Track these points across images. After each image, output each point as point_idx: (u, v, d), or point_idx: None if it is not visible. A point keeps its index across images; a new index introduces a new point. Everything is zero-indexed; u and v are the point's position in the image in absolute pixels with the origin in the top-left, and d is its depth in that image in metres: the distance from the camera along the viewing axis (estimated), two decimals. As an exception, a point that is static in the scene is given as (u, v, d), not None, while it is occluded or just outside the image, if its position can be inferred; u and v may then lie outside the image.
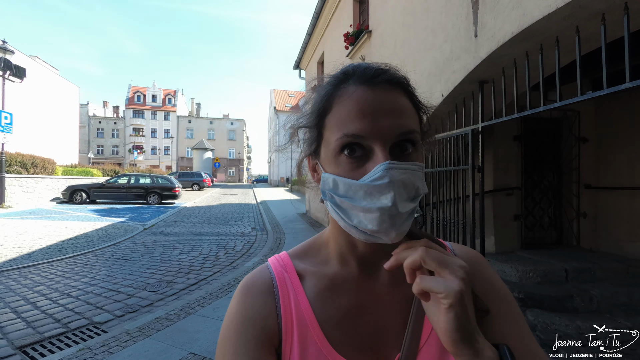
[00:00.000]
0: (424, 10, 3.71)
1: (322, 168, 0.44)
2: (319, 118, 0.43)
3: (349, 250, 0.48)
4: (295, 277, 0.49)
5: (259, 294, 0.48)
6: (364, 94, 0.40)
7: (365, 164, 0.39)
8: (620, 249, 3.95)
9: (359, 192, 0.38)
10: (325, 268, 0.50)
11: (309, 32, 9.66)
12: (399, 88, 0.42)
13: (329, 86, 0.44)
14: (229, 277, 4.54)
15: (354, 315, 0.47)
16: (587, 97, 1.94)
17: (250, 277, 0.51)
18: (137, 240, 7.12)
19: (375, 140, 0.38)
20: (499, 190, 4.01)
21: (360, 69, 0.43)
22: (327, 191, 0.42)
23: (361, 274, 0.48)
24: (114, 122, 51.05)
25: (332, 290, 0.48)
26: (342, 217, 0.41)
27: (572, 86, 2.12)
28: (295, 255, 0.53)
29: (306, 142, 0.48)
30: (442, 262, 0.35)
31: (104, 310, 3.48)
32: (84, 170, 19.07)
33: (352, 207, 0.39)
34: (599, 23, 1.83)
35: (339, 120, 0.40)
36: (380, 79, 0.41)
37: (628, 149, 4.04)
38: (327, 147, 0.42)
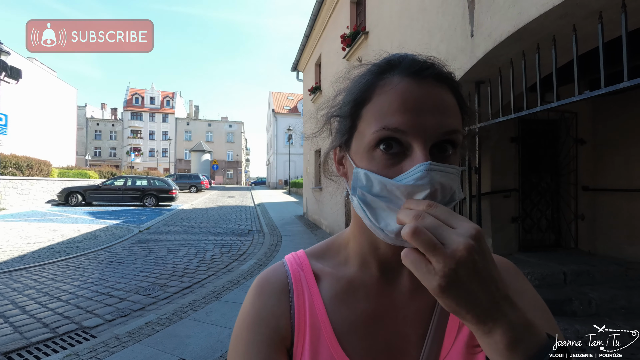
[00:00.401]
0: (420, 11, 3.69)
1: (352, 162, 0.41)
2: (356, 108, 0.41)
3: (371, 251, 0.45)
4: (311, 277, 0.47)
5: (273, 293, 0.46)
6: (409, 86, 0.37)
7: (402, 161, 0.37)
8: (619, 251, 3.92)
9: (395, 192, 0.35)
10: (344, 269, 0.47)
11: (307, 34, 9.65)
12: (446, 85, 0.39)
13: (370, 75, 0.41)
14: (224, 280, 4.47)
15: (371, 321, 0.44)
16: (584, 97, 1.91)
17: (265, 274, 0.49)
18: (132, 243, 7.04)
19: (415, 137, 0.36)
20: (496, 192, 3.97)
21: (407, 60, 0.40)
22: (359, 188, 0.39)
23: (381, 278, 0.46)
24: (111, 124, 50.91)
25: (350, 293, 0.45)
26: (368, 217, 0.38)
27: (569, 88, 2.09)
28: (313, 254, 0.51)
29: (337, 132, 0.44)
30: (431, 248, 0.28)
31: (94, 314, 3.41)
32: (81, 172, 18.95)
33: (384, 207, 0.36)
34: (596, 22, 1.80)
35: (379, 112, 0.38)
36: (428, 72, 0.39)
37: (625, 150, 4.02)
38: (361, 140, 0.40)
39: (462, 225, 0.30)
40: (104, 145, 49.77)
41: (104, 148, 49.70)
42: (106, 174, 20.51)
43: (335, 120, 0.45)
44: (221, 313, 3.35)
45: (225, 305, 3.58)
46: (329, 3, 7.93)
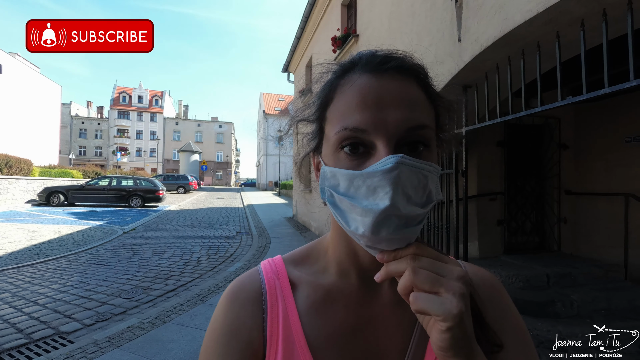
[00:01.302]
0: (410, 15, 3.72)
1: (323, 164, 0.40)
2: (320, 110, 0.39)
3: (350, 259, 0.43)
4: (287, 286, 0.44)
5: (247, 303, 0.43)
6: (367, 81, 0.35)
7: (367, 161, 0.34)
8: (599, 254, 4.02)
9: (361, 188, 0.33)
10: (323, 278, 0.45)
11: (298, 35, 9.65)
12: (412, 77, 0.37)
13: (332, 75, 0.40)
14: (210, 283, 4.38)
15: (348, 334, 0.41)
16: (567, 102, 1.95)
17: (238, 282, 0.46)
18: (115, 245, 6.85)
19: (377, 135, 0.33)
20: (482, 195, 4.03)
21: (368, 54, 0.38)
22: (327, 188, 0.37)
23: (361, 288, 0.43)
24: (97, 123, 49.66)
25: (327, 303, 0.43)
26: (340, 220, 0.36)
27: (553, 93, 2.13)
28: (291, 261, 0.48)
29: (307, 137, 0.43)
30: (434, 281, 0.30)
31: (73, 318, 3.28)
32: (63, 171, 18.39)
33: (351, 207, 0.34)
34: (579, 29, 1.84)
35: (340, 112, 0.36)
36: (389, 65, 0.36)
37: (605, 156, 4.14)
38: (328, 142, 0.38)
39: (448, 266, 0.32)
40: (89, 144, 48.47)
41: (89, 147, 48.40)
42: (90, 174, 19.95)
43: (303, 125, 0.43)
44: (206, 317, 3.28)
45: (211, 308, 3.51)
46: (320, 5, 7.94)
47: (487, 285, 0.45)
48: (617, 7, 1.71)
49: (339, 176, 0.35)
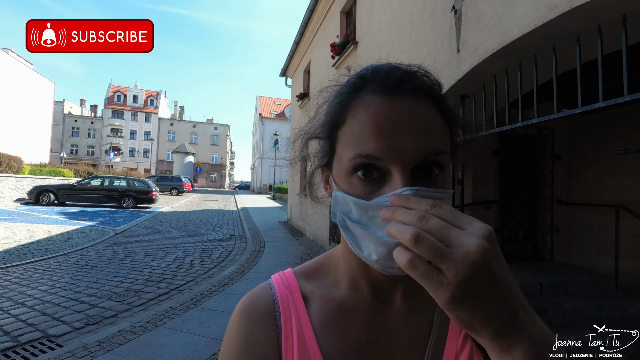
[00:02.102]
0: (409, 24, 3.78)
1: (334, 183, 0.39)
2: (331, 130, 0.38)
3: (361, 273, 0.42)
4: (299, 300, 0.44)
5: (260, 318, 0.42)
6: (382, 106, 0.34)
7: (382, 187, 0.34)
8: (590, 263, 4.08)
9: (376, 218, 0.32)
10: (335, 291, 0.44)
11: (297, 40, 9.71)
12: (428, 98, 0.35)
13: (343, 94, 0.38)
14: (203, 287, 4.33)
15: (363, 349, 0.41)
16: (563, 115, 1.99)
17: (251, 297, 0.45)
18: (107, 246, 6.73)
19: (393, 163, 0.33)
20: (477, 204, 4.07)
21: (382, 73, 0.36)
22: (339, 213, 0.36)
23: (373, 301, 0.43)
24: (90, 122, 49.05)
25: (340, 318, 0.42)
26: (352, 244, 0.36)
27: (547, 105, 2.18)
28: (302, 274, 0.47)
29: (317, 153, 0.43)
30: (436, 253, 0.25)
31: (62, 321, 3.21)
32: (54, 170, 18.09)
33: (365, 235, 0.33)
34: (575, 43, 1.90)
35: (353, 136, 0.35)
36: (405, 87, 0.35)
37: (596, 167, 4.23)
38: (340, 164, 0.37)
39: (472, 225, 0.27)
40: (81, 143, 47.78)
41: (81, 146, 47.71)
42: (82, 173, 19.65)
43: (313, 142, 0.43)
44: (199, 321, 3.23)
45: (204, 312, 3.46)
46: (319, 11, 8.02)
47: None
48: (611, 24, 1.76)
49: (352, 204, 0.35)
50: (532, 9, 2.05)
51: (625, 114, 3.88)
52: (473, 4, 2.62)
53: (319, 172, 0.44)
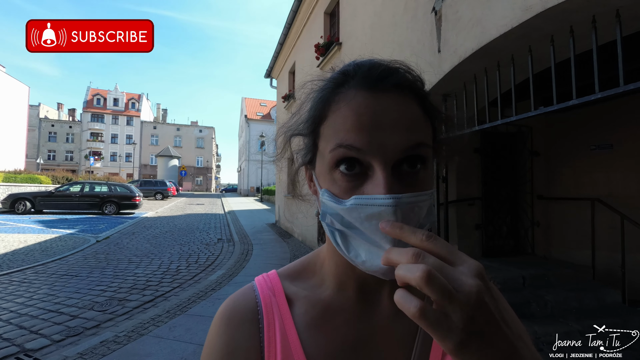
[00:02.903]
0: (391, 25, 3.83)
1: (317, 184, 0.38)
2: (314, 126, 0.38)
3: (347, 272, 0.42)
4: (284, 302, 0.43)
5: (242, 323, 0.41)
6: (364, 101, 0.34)
7: (364, 183, 0.33)
8: (569, 256, 4.24)
9: (363, 223, 0.33)
10: (320, 292, 0.43)
11: (281, 41, 9.68)
12: (410, 93, 0.36)
13: (326, 89, 0.38)
14: (190, 293, 4.24)
15: (349, 350, 0.40)
16: (539, 112, 2.06)
17: (232, 301, 0.44)
18: (88, 254, 6.50)
19: (374, 156, 0.33)
20: (461, 201, 4.16)
21: (364, 68, 0.36)
22: (328, 214, 0.36)
23: (360, 301, 0.42)
24: (69, 126, 47.31)
25: (326, 319, 0.41)
26: (339, 245, 0.36)
27: (525, 104, 2.25)
28: (286, 276, 0.46)
29: (300, 151, 0.42)
30: (445, 293, 0.24)
31: (40, 334, 3.07)
32: (30, 176, 17.37)
33: (352, 237, 0.34)
34: (549, 44, 1.96)
35: (334, 130, 0.35)
36: (387, 82, 0.35)
37: (573, 162, 4.40)
38: (322, 160, 0.37)
39: (465, 262, 0.27)
40: (59, 148, 46.03)
41: (59, 151, 45.95)
42: (60, 179, 18.96)
43: (296, 139, 0.43)
44: (186, 328, 3.16)
45: (191, 319, 3.39)
46: (303, 12, 8.02)
47: None
48: (583, 25, 1.83)
49: (338, 210, 0.34)
50: (509, 10, 2.12)
51: (598, 111, 4.06)
52: (452, 6, 2.68)
53: (302, 170, 0.44)
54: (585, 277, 3.75)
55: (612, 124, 4.02)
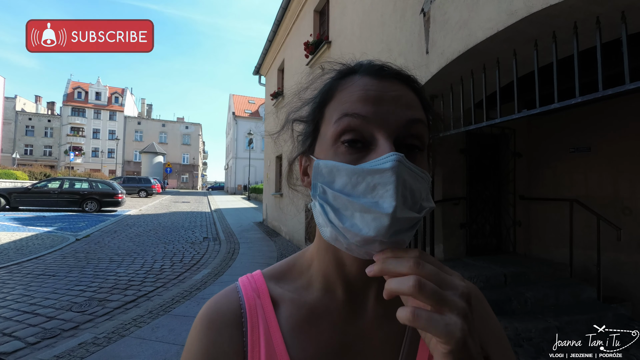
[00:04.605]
0: (380, 25, 3.84)
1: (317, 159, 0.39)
2: (318, 109, 0.39)
3: (336, 271, 0.41)
4: (269, 305, 0.41)
5: (224, 327, 0.40)
6: (369, 81, 0.37)
7: (366, 156, 0.34)
8: (549, 254, 4.38)
9: (360, 185, 0.32)
10: (306, 294, 0.42)
11: (270, 38, 9.58)
12: (408, 85, 0.39)
13: (331, 77, 0.40)
14: (174, 292, 4.16)
15: (336, 353, 0.39)
16: (523, 115, 2.11)
17: (215, 302, 0.42)
18: (66, 253, 6.28)
19: (378, 127, 0.34)
20: (447, 200, 4.23)
21: (366, 62, 0.40)
22: (320, 184, 0.35)
23: (347, 303, 0.41)
24: (47, 120, 45.47)
25: (312, 321, 0.41)
26: (331, 221, 0.34)
27: (510, 106, 2.30)
28: (272, 276, 0.45)
29: (300, 136, 0.43)
30: (438, 298, 0.27)
31: (14, 337, 2.94)
32: (5, 172, 16.63)
33: (348, 204, 0.32)
34: (533, 48, 2.01)
35: (340, 104, 0.36)
36: (388, 72, 0.38)
37: (553, 164, 4.54)
38: (324, 139, 0.37)
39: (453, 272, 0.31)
40: (36, 143, 44.20)
41: (36, 146, 44.13)
42: (38, 175, 18.23)
43: (297, 125, 0.43)
44: (169, 328, 3.10)
45: (175, 319, 3.32)
46: (293, 9, 7.96)
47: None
48: (565, 31, 1.89)
49: (335, 171, 0.34)
50: (495, 14, 2.15)
51: (578, 115, 4.20)
52: (440, 7, 2.71)
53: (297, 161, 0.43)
54: (563, 274, 3.89)
55: (591, 128, 4.17)
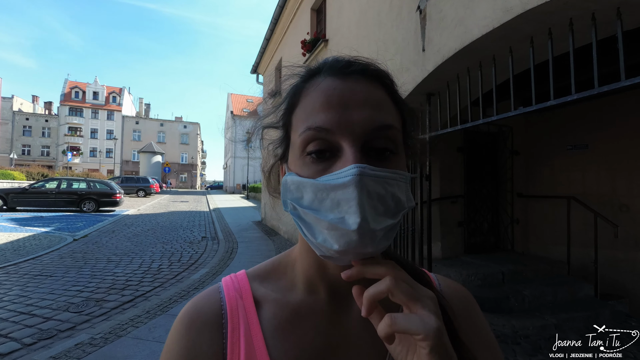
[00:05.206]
0: (376, 24, 3.83)
1: (287, 171, 0.38)
2: (287, 116, 0.38)
3: (318, 273, 0.40)
4: (251, 305, 0.41)
5: (204, 328, 0.39)
6: (332, 83, 0.35)
7: (333, 165, 0.33)
8: (546, 251, 4.39)
9: (325, 201, 0.31)
10: (290, 295, 0.42)
11: (267, 37, 9.55)
12: (377, 82, 0.36)
13: (298, 79, 0.39)
14: (171, 292, 4.14)
15: (319, 355, 0.38)
16: (519, 112, 2.10)
17: (195, 303, 0.41)
18: (64, 253, 6.26)
19: (343, 135, 0.32)
20: (444, 199, 4.23)
21: (331, 60, 0.39)
22: (289, 200, 0.35)
23: (331, 304, 0.41)
24: (45, 120, 45.23)
25: (295, 323, 0.40)
26: (306, 234, 0.34)
27: (506, 104, 2.29)
28: (256, 276, 0.44)
29: (273, 144, 0.42)
30: (412, 295, 0.29)
31: (9, 338, 2.93)
32: (2, 172, 16.56)
33: (317, 221, 0.32)
34: (529, 45, 2.00)
35: (304, 114, 0.35)
36: (353, 68, 0.36)
37: (550, 162, 4.54)
38: (293, 149, 0.36)
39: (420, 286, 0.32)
40: (34, 143, 43.98)
41: (34, 146, 43.92)
42: (36, 175, 18.17)
43: (269, 132, 0.42)
44: (166, 328, 3.09)
45: (172, 319, 3.31)
46: (290, 8, 7.93)
47: (461, 298, 0.45)
48: (560, 27, 1.88)
49: (302, 187, 0.34)
50: (490, 11, 2.14)
51: (575, 112, 4.20)
52: (436, 5, 2.70)
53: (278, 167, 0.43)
54: (561, 272, 3.89)
55: (588, 125, 4.17)
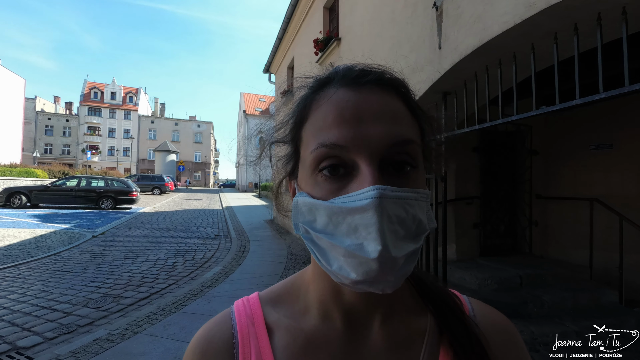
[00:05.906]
0: (390, 21, 3.76)
1: (297, 189, 0.36)
2: (295, 130, 0.36)
3: (333, 298, 0.38)
4: (263, 333, 0.38)
5: (216, 355, 0.38)
6: (345, 95, 0.32)
7: (348, 185, 0.30)
8: (567, 255, 4.23)
9: (341, 225, 0.29)
10: (303, 321, 0.39)
11: (280, 36, 9.56)
12: (392, 91, 0.34)
13: (308, 90, 0.37)
14: (185, 290, 4.21)
15: None
16: (541, 112, 2.02)
17: (207, 331, 0.40)
18: (83, 250, 6.46)
19: (359, 152, 0.30)
20: (459, 200, 4.13)
21: (343, 68, 0.36)
22: (301, 224, 0.33)
23: (347, 332, 0.37)
24: (66, 120, 46.89)
25: (309, 353, 0.37)
26: (320, 260, 0.32)
27: (527, 102, 2.21)
28: (268, 300, 0.42)
29: (281, 160, 0.40)
30: None
31: (32, 332, 3.04)
32: (26, 170, 17.24)
33: (332, 246, 0.30)
34: (552, 42, 1.92)
35: (315, 129, 0.33)
36: (367, 78, 0.33)
37: (571, 162, 4.37)
38: (304, 166, 0.34)
39: None
40: (55, 142, 45.66)
41: (55, 145, 45.59)
42: (57, 173, 18.82)
43: (278, 146, 0.39)
44: (180, 326, 3.13)
45: (186, 317, 3.36)
46: (302, 7, 7.91)
47: (499, 329, 0.42)
48: (587, 23, 1.79)
49: (314, 209, 0.31)
50: (511, 7, 2.06)
51: (599, 110, 4.02)
52: (454, 1, 2.62)
53: (286, 182, 0.40)
54: (583, 277, 3.74)
55: (613, 124, 3.98)
